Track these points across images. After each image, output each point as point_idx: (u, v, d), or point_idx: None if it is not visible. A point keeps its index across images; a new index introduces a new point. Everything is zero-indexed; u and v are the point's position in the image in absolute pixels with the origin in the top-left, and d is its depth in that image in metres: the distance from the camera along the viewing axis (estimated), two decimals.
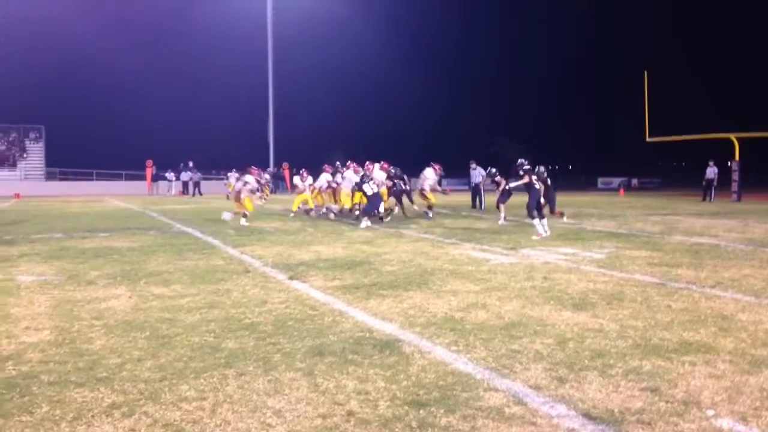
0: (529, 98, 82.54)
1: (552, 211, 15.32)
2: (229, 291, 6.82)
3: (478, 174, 21.63)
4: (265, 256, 9.50)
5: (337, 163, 19.55)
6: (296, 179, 18.90)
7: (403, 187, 17.12)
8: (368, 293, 6.68)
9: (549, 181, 15.06)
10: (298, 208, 18.26)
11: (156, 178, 39.23)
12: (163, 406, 3.52)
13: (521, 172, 12.94)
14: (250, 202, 15.60)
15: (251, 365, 4.23)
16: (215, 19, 61.35)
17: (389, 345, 4.69)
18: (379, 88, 77.70)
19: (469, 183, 23.33)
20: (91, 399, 3.64)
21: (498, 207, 16.06)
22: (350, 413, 3.40)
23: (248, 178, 16.01)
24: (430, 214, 16.71)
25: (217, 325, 5.34)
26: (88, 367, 4.23)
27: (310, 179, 18.65)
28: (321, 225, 15.26)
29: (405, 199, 17.39)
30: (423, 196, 17.22)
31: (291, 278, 7.61)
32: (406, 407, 3.46)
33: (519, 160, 14.35)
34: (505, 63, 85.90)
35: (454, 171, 33.10)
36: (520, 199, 16.95)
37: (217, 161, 46.10)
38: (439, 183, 18.98)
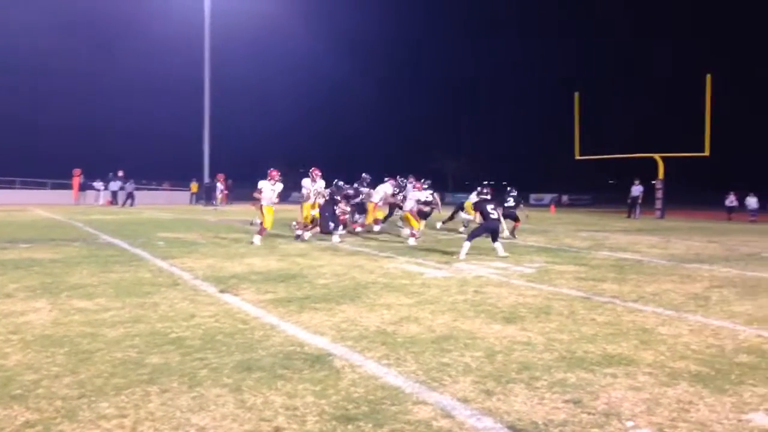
0: (469, 115, 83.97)
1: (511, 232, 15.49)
2: (155, 304, 6.63)
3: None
4: (195, 269, 9.29)
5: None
6: (305, 181, 15.55)
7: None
8: (301, 306, 6.62)
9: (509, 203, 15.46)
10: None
11: (84, 188, 37.92)
12: (81, 425, 3.38)
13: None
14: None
15: (175, 381, 4.11)
16: (150, 23, 60.09)
17: (320, 359, 4.65)
18: (318, 98, 77.65)
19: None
20: (4, 417, 3.46)
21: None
22: (277, 429, 3.35)
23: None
24: (377, 228, 16.61)
25: (141, 339, 5.18)
26: (1, 383, 4.02)
27: (322, 182, 15.44)
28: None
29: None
30: (374, 211, 17.06)
31: (222, 291, 7.47)
32: (335, 422, 3.44)
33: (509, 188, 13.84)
34: (443, 80, 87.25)
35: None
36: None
37: (149, 171, 45.05)
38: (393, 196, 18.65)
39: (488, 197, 12.15)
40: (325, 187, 15.40)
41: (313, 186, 15.15)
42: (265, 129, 73.41)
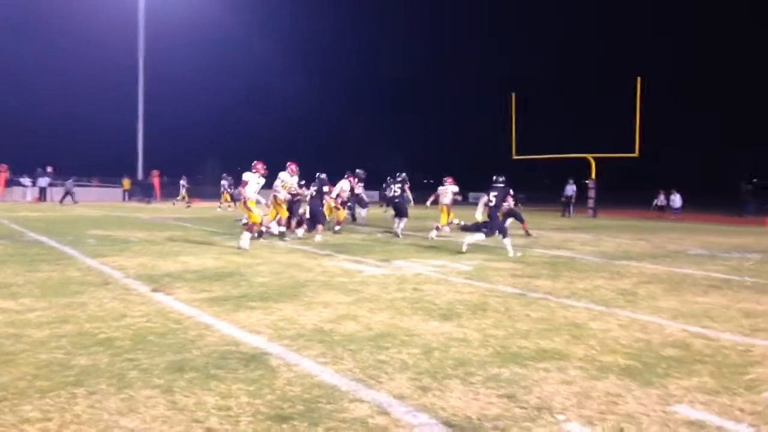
0: (408, 114, 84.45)
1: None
2: (84, 304, 6.40)
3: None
4: (126, 267, 9.02)
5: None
6: (284, 174, 14.46)
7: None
8: (237, 305, 6.50)
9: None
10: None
11: (10, 184, 36.34)
12: (3, 429, 3.23)
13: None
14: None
15: (104, 383, 3.97)
16: (81, 16, 57.98)
17: (256, 358, 4.58)
18: (256, 95, 76.62)
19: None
20: None
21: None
22: (209, 430, 3.28)
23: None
24: (338, 228, 16.49)
25: (68, 340, 4.98)
26: None
27: (296, 179, 14.70)
28: (191, 235, 14.74)
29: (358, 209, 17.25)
30: (336, 208, 16.93)
31: (154, 290, 7.27)
32: (269, 422, 3.38)
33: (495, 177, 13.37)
34: (382, 78, 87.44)
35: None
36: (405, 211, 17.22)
37: (78, 167, 43.41)
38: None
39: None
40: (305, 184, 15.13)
41: (291, 181, 14.48)
42: (202, 125, 72.06)
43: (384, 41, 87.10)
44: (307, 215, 14.91)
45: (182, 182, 33.29)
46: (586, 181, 30.50)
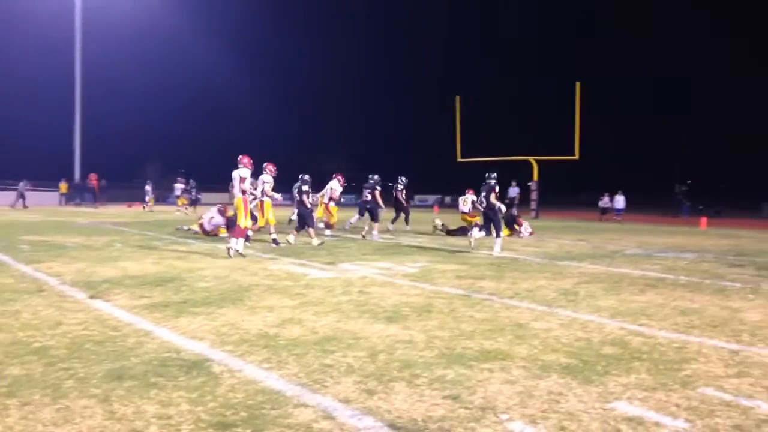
0: (357, 117, 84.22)
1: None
2: (17, 312, 6.15)
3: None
4: (63, 274, 8.72)
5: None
6: (266, 177, 13.63)
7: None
8: (179, 311, 6.36)
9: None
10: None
11: None
12: None
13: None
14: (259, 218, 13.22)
15: (38, 393, 3.82)
16: (14, 12, 55.79)
17: (197, 365, 4.48)
18: (201, 97, 75.17)
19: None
20: None
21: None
22: None
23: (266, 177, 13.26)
24: (328, 232, 16.19)
25: (0, 350, 4.78)
26: None
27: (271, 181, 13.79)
28: (130, 240, 14.36)
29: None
30: (328, 210, 16.72)
31: (92, 297, 7.04)
32: (211, 430, 3.31)
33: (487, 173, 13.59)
34: (329, 81, 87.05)
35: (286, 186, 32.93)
36: (346, 215, 17.21)
37: (10, 170, 41.75)
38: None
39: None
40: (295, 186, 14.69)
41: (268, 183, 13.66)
42: (145, 127, 70.20)
43: (336, 41, 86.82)
44: (294, 217, 14.69)
45: (147, 187, 32.74)
46: (529, 183, 31.09)
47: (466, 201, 18.06)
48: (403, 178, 19.58)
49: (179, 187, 30.48)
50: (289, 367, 4.47)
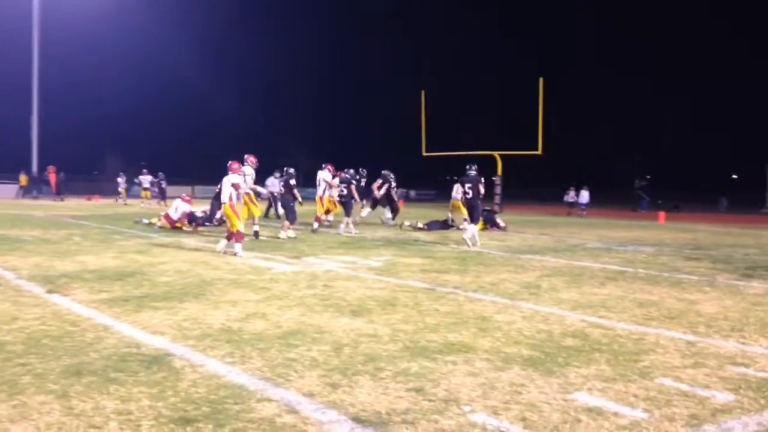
0: (323, 112, 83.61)
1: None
2: None
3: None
4: (19, 268, 8.50)
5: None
6: (248, 169, 13.47)
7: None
8: (139, 306, 6.26)
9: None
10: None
11: None
12: None
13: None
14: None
15: None
16: None
17: (158, 360, 4.42)
18: (163, 88, 73.79)
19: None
20: None
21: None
22: None
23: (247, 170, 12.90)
24: (316, 226, 15.94)
25: None
26: None
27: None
28: (90, 233, 14.08)
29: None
30: (332, 203, 16.63)
31: (50, 292, 6.88)
32: (172, 425, 3.27)
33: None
34: (295, 74, 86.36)
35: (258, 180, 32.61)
36: (311, 209, 17.13)
37: None
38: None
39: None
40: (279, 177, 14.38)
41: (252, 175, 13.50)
42: (102, 120, 68.59)
43: (299, 35, 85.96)
44: (281, 210, 14.63)
45: (119, 179, 32.31)
46: (493, 178, 31.32)
47: (459, 190, 18.14)
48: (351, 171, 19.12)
49: (145, 179, 30.00)
50: (252, 362, 4.44)
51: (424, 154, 32.96)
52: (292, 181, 14.11)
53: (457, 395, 3.81)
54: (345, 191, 16.42)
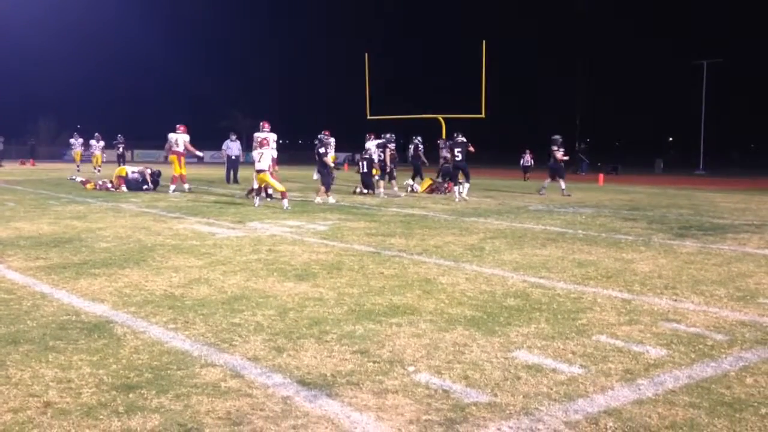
0: (266, 72, 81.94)
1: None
2: None
3: (237, 147, 21.06)
4: None
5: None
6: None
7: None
8: (77, 273, 6.10)
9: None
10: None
11: None
12: None
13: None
14: None
15: None
16: None
17: (99, 327, 4.33)
18: (103, 50, 70.93)
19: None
20: None
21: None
22: (47, 404, 3.07)
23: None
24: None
25: None
26: None
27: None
28: (25, 199, 13.57)
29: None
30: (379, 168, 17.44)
31: None
32: (114, 392, 3.23)
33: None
34: (232, 36, 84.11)
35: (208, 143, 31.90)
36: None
37: None
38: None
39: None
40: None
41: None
42: (33, 81, 65.57)
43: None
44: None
45: (73, 140, 30.77)
46: (438, 141, 31.44)
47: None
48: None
49: (96, 144, 28.84)
50: (195, 328, 4.40)
51: (369, 117, 32.80)
52: (322, 150, 14.79)
53: (402, 356, 3.88)
54: (382, 155, 17.46)
